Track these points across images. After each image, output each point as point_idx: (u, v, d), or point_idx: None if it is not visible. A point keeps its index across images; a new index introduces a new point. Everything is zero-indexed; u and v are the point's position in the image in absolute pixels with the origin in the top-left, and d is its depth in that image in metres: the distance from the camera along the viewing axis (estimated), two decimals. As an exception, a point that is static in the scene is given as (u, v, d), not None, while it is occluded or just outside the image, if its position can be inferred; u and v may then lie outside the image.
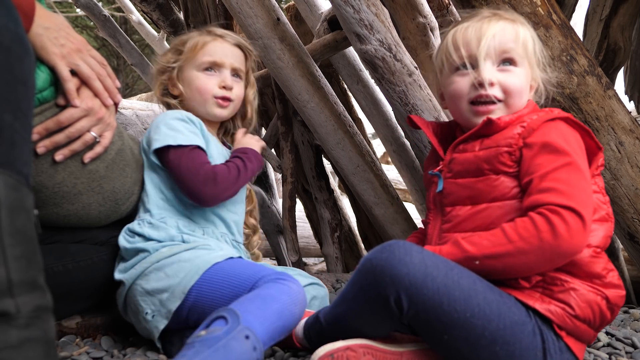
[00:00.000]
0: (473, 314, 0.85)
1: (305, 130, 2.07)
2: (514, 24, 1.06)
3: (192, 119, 1.26)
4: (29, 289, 0.63)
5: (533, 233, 0.88)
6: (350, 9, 1.49)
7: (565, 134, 0.96)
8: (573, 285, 0.91)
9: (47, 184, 1.06)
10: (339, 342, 0.92)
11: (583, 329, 0.91)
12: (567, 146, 0.94)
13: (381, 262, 0.87)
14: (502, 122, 1.01)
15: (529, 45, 1.06)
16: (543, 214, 0.88)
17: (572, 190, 0.89)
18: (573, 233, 0.86)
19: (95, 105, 1.06)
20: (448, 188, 1.07)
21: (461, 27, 1.08)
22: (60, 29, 1.02)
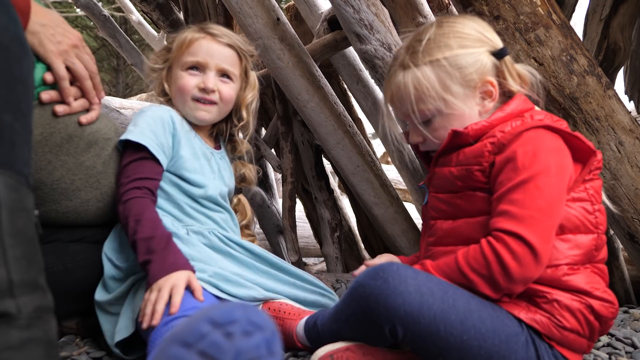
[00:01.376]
0: (469, 336, 0.84)
1: (305, 130, 2.07)
2: (405, 75, 1.00)
3: (168, 121, 1.23)
4: (30, 290, 0.63)
5: (482, 264, 0.86)
6: (350, 9, 1.49)
7: (537, 146, 0.90)
8: (555, 296, 0.89)
9: (46, 180, 1.06)
10: (339, 343, 0.92)
11: (572, 339, 0.89)
12: (532, 160, 0.88)
13: (375, 291, 0.84)
14: (470, 130, 0.97)
15: (427, 88, 0.98)
16: (491, 243, 0.86)
17: (524, 213, 0.85)
18: (521, 262, 0.84)
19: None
20: (431, 202, 1.07)
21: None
22: (57, 25, 1.03)
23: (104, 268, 1.15)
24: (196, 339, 0.54)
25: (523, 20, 1.21)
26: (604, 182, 1.27)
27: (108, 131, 1.15)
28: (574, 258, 0.91)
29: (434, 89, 0.97)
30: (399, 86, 1.00)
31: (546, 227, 0.86)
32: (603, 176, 1.27)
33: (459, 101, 0.98)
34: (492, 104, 1.01)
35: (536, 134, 0.91)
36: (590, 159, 0.94)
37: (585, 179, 0.95)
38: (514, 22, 1.21)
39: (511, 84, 1.00)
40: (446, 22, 1.01)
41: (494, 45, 1.00)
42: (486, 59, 0.98)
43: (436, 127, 1.00)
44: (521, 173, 0.88)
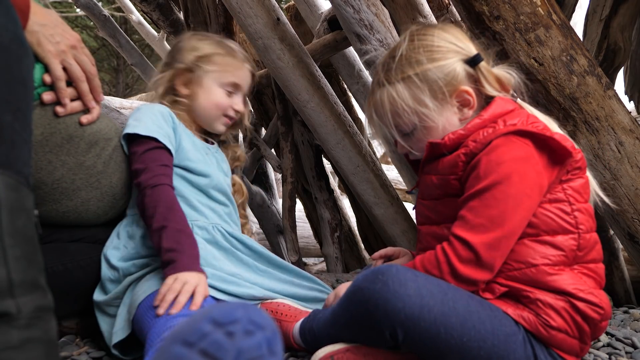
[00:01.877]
0: (469, 338, 0.84)
1: (305, 130, 2.07)
2: (381, 93, 1.03)
3: (165, 114, 1.26)
4: (30, 290, 0.63)
5: (435, 265, 0.91)
6: (350, 9, 1.49)
7: (500, 155, 0.90)
8: (538, 296, 0.89)
9: (46, 180, 1.06)
10: (339, 344, 0.92)
11: (561, 338, 0.89)
12: (493, 169, 0.90)
13: (375, 295, 0.84)
14: (447, 140, 0.98)
15: (401, 104, 1.00)
16: (443, 246, 0.91)
17: (476, 221, 0.89)
18: (466, 265, 0.88)
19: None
20: (417, 208, 1.09)
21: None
22: (56, 26, 1.03)
23: (102, 269, 1.15)
24: (197, 338, 0.55)
25: (523, 20, 1.21)
26: (604, 182, 1.27)
27: (109, 131, 1.15)
28: (553, 259, 0.91)
29: (408, 104, 1.00)
30: (377, 103, 1.05)
31: (495, 236, 0.88)
32: (603, 176, 1.27)
33: (435, 114, 1.00)
34: (472, 111, 1.02)
35: (504, 142, 0.92)
36: (568, 159, 0.94)
37: (562, 179, 0.95)
38: (514, 22, 1.21)
39: (488, 90, 1.01)
40: (417, 35, 1.03)
41: (467, 54, 1.01)
42: (459, 68, 1.00)
43: (417, 139, 1.04)
44: (482, 181, 0.90)
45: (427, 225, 1.05)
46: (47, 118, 1.04)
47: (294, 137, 2.08)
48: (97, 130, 1.12)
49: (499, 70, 1.03)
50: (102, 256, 1.17)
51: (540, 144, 0.92)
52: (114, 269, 1.15)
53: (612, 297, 1.73)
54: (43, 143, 1.04)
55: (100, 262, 1.17)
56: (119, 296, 1.12)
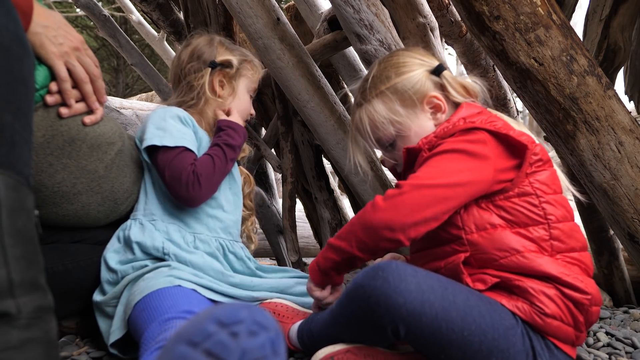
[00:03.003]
0: (470, 332, 0.84)
1: (305, 130, 2.07)
2: (360, 111, 1.13)
3: (186, 118, 1.28)
4: (30, 290, 0.63)
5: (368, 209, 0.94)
6: (350, 9, 1.49)
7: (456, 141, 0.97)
8: (528, 283, 0.90)
9: (47, 183, 1.06)
10: (339, 345, 0.92)
11: (556, 326, 0.89)
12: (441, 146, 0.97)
13: (375, 292, 0.84)
14: (421, 144, 1.04)
15: (377, 116, 1.10)
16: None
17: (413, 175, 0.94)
18: (387, 199, 0.92)
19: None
20: None
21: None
22: (59, 27, 1.03)
23: (101, 271, 1.16)
24: (202, 338, 0.55)
25: (523, 20, 1.21)
26: (604, 182, 1.27)
27: (112, 135, 1.14)
28: (529, 248, 0.93)
29: (383, 116, 1.10)
30: (357, 121, 1.14)
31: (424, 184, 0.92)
32: (603, 176, 1.27)
33: (409, 121, 1.09)
34: (444, 116, 1.10)
35: (457, 136, 0.98)
36: (526, 152, 0.98)
37: (528, 172, 0.98)
38: (514, 22, 1.21)
39: (454, 95, 1.11)
40: (386, 59, 1.16)
41: (430, 65, 1.12)
42: (425, 78, 1.10)
43: (400, 148, 1.10)
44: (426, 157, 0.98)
45: None
46: (50, 120, 1.04)
47: (294, 137, 2.08)
48: (100, 133, 1.11)
49: (462, 79, 1.13)
50: (102, 258, 1.18)
51: (498, 138, 0.98)
52: (112, 271, 1.15)
53: (612, 297, 1.73)
54: (44, 145, 1.04)
55: (100, 263, 1.17)
56: (117, 296, 1.13)
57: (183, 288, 1.06)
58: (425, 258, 1.02)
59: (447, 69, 1.12)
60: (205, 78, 1.35)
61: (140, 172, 1.25)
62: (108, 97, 3.92)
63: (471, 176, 0.94)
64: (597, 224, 1.66)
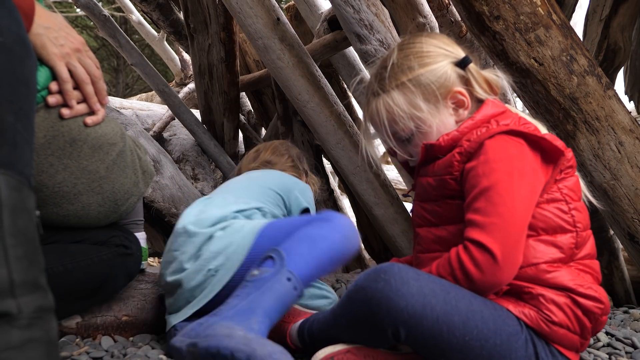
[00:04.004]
0: (472, 337, 0.84)
1: (305, 130, 2.07)
2: (377, 102, 1.04)
3: None
4: (31, 290, 0.63)
5: (448, 272, 0.89)
6: (350, 9, 1.49)
7: (497, 153, 0.91)
8: (540, 291, 0.89)
9: (48, 183, 1.06)
10: (339, 345, 0.92)
11: (562, 334, 0.89)
12: (492, 168, 0.90)
13: (377, 294, 0.84)
14: (442, 141, 1.00)
15: (397, 110, 1.02)
16: (457, 252, 0.89)
17: (486, 221, 0.87)
18: (482, 269, 0.86)
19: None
20: (416, 210, 1.09)
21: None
22: (60, 29, 1.03)
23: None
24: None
25: (523, 20, 1.21)
26: (604, 182, 1.28)
27: (113, 136, 1.14)
28: (552, 257, 0.92)
29: (404, 110, 1.02)
30: (373, 113, 1.06)
31: (508, 233, 0.87)
32: (603, 176, 1.27)
33: (430, 116, 1.02)
34: (467, 112, 1.03)
35: (498, 141, 0.93)
36: (560, 158, 0.95)
37: (557, 178, 0.96)
38: (514, 22, 1.21)
39: (478, 91, 1.03)
40: (407, 44, 1.06)
41: (455, 57, 1.03)
42: (450, 71, 1.02)
43: (415, 145, 1.04)
44: (482, 181, 0.90)
45: (425, 227, 1.05)
46: (51, 121, 1.04)
47: (294, 137, 2.08)
48: (102, 134, 1.11)
49: (487, 73, 1.05)
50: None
51: (533, 144, 0.94)
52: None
53: (612, 297, 1.73)
54: (45, 146, 1.04)
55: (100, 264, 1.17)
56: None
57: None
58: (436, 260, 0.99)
59: (473, 61, 1.04)
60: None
61: (140, 174, 1.24)
62: (108, 97, 3.91)
63: (533, 197, 0.91)
64: (597, 224, 1.66)
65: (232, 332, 0.85)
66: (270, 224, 1.19)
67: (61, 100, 1.04)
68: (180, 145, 2.76)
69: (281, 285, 0.97)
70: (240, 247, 1.14)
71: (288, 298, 0.98)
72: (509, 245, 0.87)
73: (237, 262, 1.13)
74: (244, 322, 0.89)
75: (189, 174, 2.58)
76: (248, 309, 0.93)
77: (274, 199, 1.40)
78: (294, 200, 1.44)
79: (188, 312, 1.14)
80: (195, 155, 2.67)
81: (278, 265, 1.00)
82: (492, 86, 1.05)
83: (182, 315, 1.15)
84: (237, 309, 0.93)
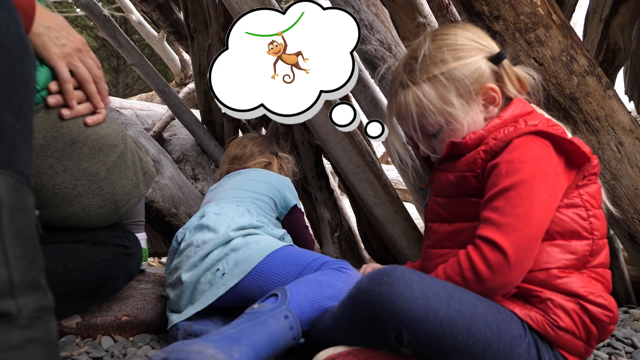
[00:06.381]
0: (475, 341, 0.83)
1: (305, 130, 2.07)
2: (405, 94, 1.01)
3: None
4: (31, 290, 0.63)
5: (457, 272, 0.88)
6: (350, 9, 1.49)
7: (523, 153, 0.89)
8: (549, 295, 0.89)
9: (48, 184, 1.05)
10: (341, 347, 0.91)
11: (567, 339, 0.88)
12: (516, 167, 0.88)
13: (380, 297, 0.82)
14: (469, 139, 0.98)
15: (427, 104, 0.99)
16: (467, 251, 0.88)
17: (503, 220, 0.85)
18: (493, 269, 0.84)
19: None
20: (430, 205, 1.07)
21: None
22: (61, 29, 1.02)
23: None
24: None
25: (523, 21, 1.21)
26: (604, 182, 1.27)
27: (114, 138, 1.14)
28: (565, 263, 0.90)
29: (434, 104, 0.98)
30: (401, 105, 1.02)
31: (524, 235, 0.85)
32: (603, 176, 1.27)
33: (461, 112, 0.99)
34: (497, 109, 1.01)
35: (525, 141, 0.91)
36: (585, 163, 0.93)
37: (579, 184, 0.94)
38: (514, 22, 1.21)
39: (510, 90, 1.00)
40: (439, 35, 1.02)
41: (490, 51, 1.00)
42: (484, 66, 0.98)
43: (443, 139, 1.01)
44: (504, 180, 0.88)
45: (438, 222, 1.04)
46: (51, 122, 1.04)
47: (294, 137, 2.08)
48: (103, 135, 1.11)
49: (519, 70, 1.03)
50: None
51: (558, 147, 0.92)
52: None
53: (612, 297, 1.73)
54: (45, 147, 1.03)
55: (100, 264, 1.17)
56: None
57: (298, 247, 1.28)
58: (446, 257, 0.97)
59: (507, 57, 1.01)
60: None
61: (141, 176, 1.24)
62: (109, 97, 3.91)
63: (554, 202, 0.89)
64: (597, 224, 1.66)
65: (203, 350, 0.82)
66: (284, 248, 1.20)
67: (61, 101, 1.04)
68: (180, 145, 2.76)
69: (276, 321, 0.94)
70: (252, 258, 1.16)
71: (282, 336, 0.93)
72: (523, 247, 0.85)
73: (244, 272, 1.15)
74: (224, 348, 0.85)
75: (189, 174, 2.58)
76: (234, 337, 0.89)
77: (271, 205, 1.51)
78: (283, 201, 1.55)
79: (190, 312, 1.15)
80: (195, 155, 2.67)
81: (279, 303, 0.97)
82: (522, 84, 1.02)
83: (184, 315, 1.15)
84: (223, 335, 0.89)
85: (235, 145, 1.74)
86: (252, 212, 1.40)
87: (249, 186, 1.51)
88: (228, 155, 1.74)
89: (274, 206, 1.53)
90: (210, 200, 1.48)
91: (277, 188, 1.55)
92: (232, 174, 1.62)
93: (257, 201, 1.47)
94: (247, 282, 1.14)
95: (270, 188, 1.53)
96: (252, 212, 1.39)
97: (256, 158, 1.68)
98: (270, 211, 1.51)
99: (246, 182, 1.53)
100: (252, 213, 1.39)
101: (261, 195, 1.49)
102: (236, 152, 1.71)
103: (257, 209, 1.43)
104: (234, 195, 1.46)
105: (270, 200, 1.51)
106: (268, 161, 1.69)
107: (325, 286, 1.03)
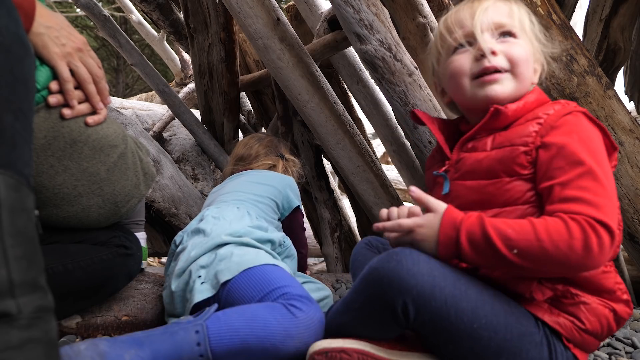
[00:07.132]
0: (480, 325, 0.84)
1: (305, 130, 2.07)
2: (507, 1, 1.02)
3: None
4: (30, 290, 0.63)
5: (565, 238, 0.81)
6: (350, 9, 1.49)
7: (586, 133, 0.88)
8: (584, 299, 0.88)
9: (48, 185, 1.05)
10: (336, 341, 0.91)
11: (590, 342, 0.89)
12: (588, 149, 0.86)
13: (389, 273, 0.84)
14: (510, 110, 0.95)
15: (525, 22, 1.00)
16: (579, 222, 0.81)
17: (600, 201, 0.82)
18: (603, 250, 0.80)
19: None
20: (455, 191, 1.01)
21: (452, 11, 1.07)
22: (62, 28, 1.02)
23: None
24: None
25: (523, 21, 1.21)
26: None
27: (115, 138, 1.13)
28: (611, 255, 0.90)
29: (531, 27, 1.01)
30: (502, 5, 1.01)
31: (619, 219, 0.85)
32: (603, 176, 1.27)
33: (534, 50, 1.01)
34: (531, 86, 1.01)
35: (582, 120, 0.90)
36: (613, 153, 0.93)
37: None
38: (514, 22, 1.21)
39: (542, 75, 1.04)
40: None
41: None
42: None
43: (507, 51, 0.98)
44: (583, 162, 0.85)
45: (467, 210, 0.94)
46: (51, 122, 1.03)
47: (294, 137, 2.08)
48: (103, 136, 1.11)
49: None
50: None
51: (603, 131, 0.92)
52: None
53: (612, 297, 1.73)
54: (46, 147, 1.03)
55: (101, 264, 1.17)
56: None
57: (279, 268, 1.18)
58: None
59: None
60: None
61: (141, 177, 1.24)
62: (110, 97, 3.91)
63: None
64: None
65: (88, 346, 0.85)
66: (256, 268, 1.14)
67: (62, 100, 1.04)
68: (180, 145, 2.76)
69: (186, 333, 0.93)
70: (228, 271, 1.14)
71: (186, 349, 0.92)
72: (620, 229, 0.85)
73: (218, 284, 1.12)
74: (121, 349, 0.87)
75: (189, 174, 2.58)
76: (139, 341, 0.90)
77: (272, 207, 1.50)
78: (286, 202, 1.55)
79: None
80: (195, 155, 2.68)
81: (198, 318, 0.97)
82: (539, 77, 1.05)
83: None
84: (131, 337, 0.91)
85: (241, 145, 1.73)
86: (253, 214, 1.39)
87: (251, 188, 1.50)
88: (234, 155, 1.73)
89: (276, 208, 1.53)
90: (211, 203, 1.48)
91: (280, 189, 1.55)
92: (234, 176, 1.61)
93: (258, 203, 1.46)
94: (222, 294, 1.12)
95: (273, 190, 1.53)
96: (253, 215, 1.39)
97: (261, 160, 1.67)
98: (272, 213, 1.50)
99: (248, 184, 1.52)
100: (253, 215, 1.38)
101: (263, 197, 1.48)
102: (242, 153, 1.70)
103: (258, 211, 1.43)
104: (235, 198, 1.45)
105: (272, 202, 1.51)
106: (273, 164, 1.67)
107: (259, 323, 0.97)
